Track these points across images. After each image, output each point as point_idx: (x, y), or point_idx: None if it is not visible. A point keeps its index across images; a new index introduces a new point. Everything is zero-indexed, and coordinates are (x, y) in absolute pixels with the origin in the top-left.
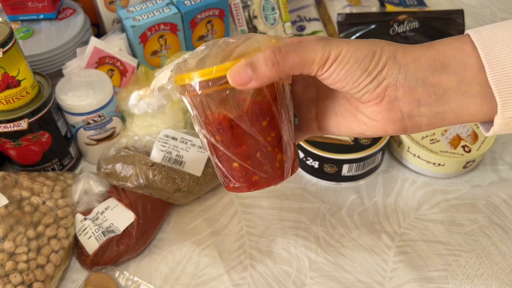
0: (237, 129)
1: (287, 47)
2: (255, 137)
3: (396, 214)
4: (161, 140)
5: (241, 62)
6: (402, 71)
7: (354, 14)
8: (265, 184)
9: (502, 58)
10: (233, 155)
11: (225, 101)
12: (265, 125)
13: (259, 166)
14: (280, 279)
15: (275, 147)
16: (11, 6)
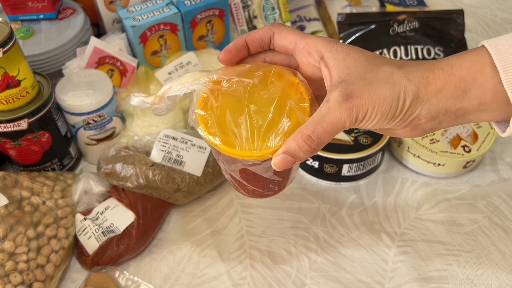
0: (257, 175)
1: (317, 131)
2: (271, 178)
3: (396, 214)
4: (161, 140)
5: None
6: (425, 107)
7: (354, 14)
8: (272, 195)
9: None
10: (250, 185)
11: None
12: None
13: (269, 190)
14: (280, 279)
15: (285, 177)
16: (11, 6)
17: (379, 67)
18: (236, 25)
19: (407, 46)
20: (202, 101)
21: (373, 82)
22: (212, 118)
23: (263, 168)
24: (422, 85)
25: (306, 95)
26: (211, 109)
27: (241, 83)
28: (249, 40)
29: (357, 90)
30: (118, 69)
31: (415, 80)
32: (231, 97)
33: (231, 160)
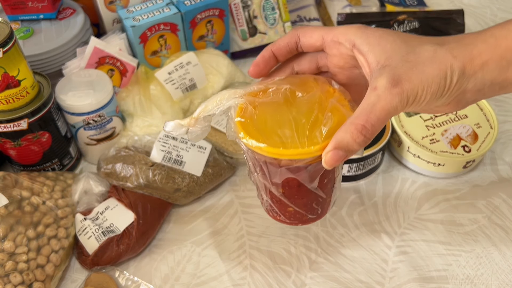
0: (303, 187)
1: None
2: (316, 193)
3: (396, 214)
4: (161, 140)
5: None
6: (472, 81)
7: (354, 14)
8: (312, 221)
9: None
10: (291, 204)
11: (302, 172)
12: (326, 182)
13: (312, 211)
14: (280, 279)
15: (329, 195)
16: (11, 6)
17: (419, 47)
18: (236, 25)
19: None
20: (240, 112)
21: (418, 64)
22: (252, 125)
23: (308, 175)
24: (467, 60)
25: (345, 99)
26: (250, 119)
27: (278, 90)
28: (275, 50)
29: (405, 73)
30: (118, 69)
31: (460, 56)
32: (270, 105)
33: (276, 164)
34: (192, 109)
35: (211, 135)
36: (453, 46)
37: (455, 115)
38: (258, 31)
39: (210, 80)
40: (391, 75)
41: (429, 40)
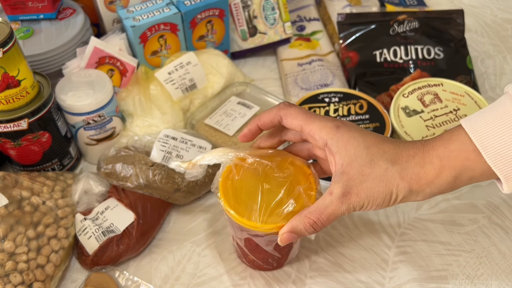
0: (260, 247)
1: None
2: (272, 253)
3: (396, 214)
4: (161, 140)
5: (287, 231)
6: (420, 196)
7: (354, 14)
8: (268, 270)
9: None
10: (251, 255)
11: (260, 238)
12: (282, 247)
13: (268, 264)
14: (280, 279)
15: (285, 255)
16: (11, 6)
17: (375, 162)
18: (236, 25)
19: (407, 46)
20: (226, 172)
21: (369, 179)
22: (231, 189)
23: (265, 241)
24: (414, 181)
25: (314, 186)
26: (231, 181)
27: (261, 164)
28: (261, 125)
29: (355, 187)
30: (118, 69)
31: (407, 177)
32: (251, 174)
33: (239, 227)
34: (192, 109)
35: (211, 135)
36: (403, 167)
37: (455, 115)
38: (258, 31)
39: (210, 80)
40: (345, 186)
41: (386, 156)
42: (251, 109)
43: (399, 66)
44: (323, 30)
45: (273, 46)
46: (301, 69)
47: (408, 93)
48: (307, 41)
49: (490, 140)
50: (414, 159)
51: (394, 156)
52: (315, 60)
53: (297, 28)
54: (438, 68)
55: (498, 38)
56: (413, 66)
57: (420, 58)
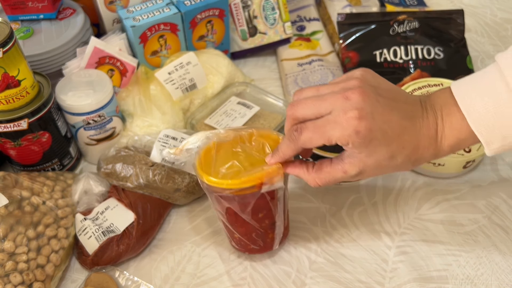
0: (238, 216)
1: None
2: (251, 224)
3: (396, 214)
4: (161, 140)
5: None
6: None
7: (354, 14)
8: (257, 252)
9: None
10: (234, 230)
11: (232, 201)
12: (261, 216)
13: (253, 241)
14: (280, 279)
15: (268, 230)
16: (11, 6)
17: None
18: (236, 25)
19: (407, 46)
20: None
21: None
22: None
23: (239, 205)
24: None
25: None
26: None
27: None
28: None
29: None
30: (118, 69)
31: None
32: (226, 147)
33: (210, 189)
34: (192, 109)
35: None
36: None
37: None
38: (258, 31)
39: (210, 80)
40: (360, 170)
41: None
42: (251, 109)
43: (399, 66)
44: (323, 30)
45: (273, 46)
46: (301, 69)
47: None
48: (307, 41)
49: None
50: (428, 151)
51: (411, 151)
52: (315, 60)
53: (297, 28)
54: (438, 68)
55: (498, 38)
56: (413, 66)
57: (420, 58)
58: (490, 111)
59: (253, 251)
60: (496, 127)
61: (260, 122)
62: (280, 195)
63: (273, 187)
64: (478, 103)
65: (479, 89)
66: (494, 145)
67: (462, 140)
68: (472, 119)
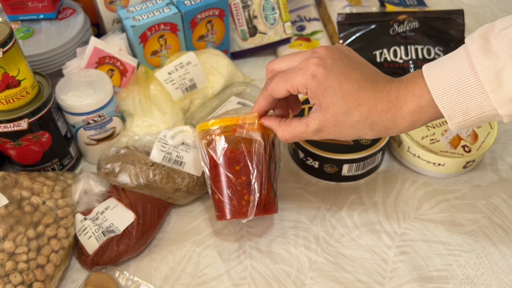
0: (217, 168)
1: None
2: (228, 177)
3: (396, 214)
4: (161, 140)
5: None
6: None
7: (354, 14)
8: (232, 216)
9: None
10: (214, 188)
11: (213, 145)
12: (238, 169)
13: (229, 200)
14: (280, 279)
15: (244, 189)
16: (11, 6)
17: (350, 113)
18: (236, 25)
19: (407, 46)
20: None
21: (342, 126)
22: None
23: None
24: (382, 131)
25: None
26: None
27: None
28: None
29: (329, 128)
30: (118, 69)
31: (377, 129)
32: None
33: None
34: (192, 109)
35: None
36: (374, 121)
37: None
38: (258, 31)
39: (210, 80)
40: (320, 125)
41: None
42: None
43: (399, 66)
44: (323, 30)
45: (273, 46)
46: None
47: None
48: (307, 41)
49: (440, 83)
50: (386, 115)
51: (368, 110)
52: None
53: (297, 28)
54: None
55: None
56: (413, 66)
57: (420, 58)
58: (454, 87)
59: (227, 214)
60: (458, 102)
61: None
62: (259, 152)
63: (249, 135)
64: (442, 79)
65: (446, 66)
66: (456, 119)
67: (423, 108)
68: (436, 92)
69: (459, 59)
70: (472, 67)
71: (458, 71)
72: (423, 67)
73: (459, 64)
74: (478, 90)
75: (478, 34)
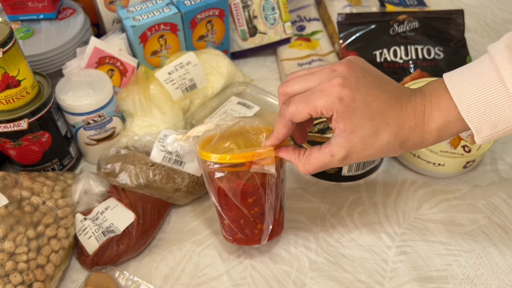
0: (228, 198)
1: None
2: (241, 209)
3: (396, 214)
4: (161, 140)
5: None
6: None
7: (354, 14)
8: (245, 243)
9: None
10: (224, 215)
11: (223, 180)
12: (251, 202)
13: (241, 229)
14: (280, 279)
15: (257, 219)
16: (11, 6)
17: (379, 134)
18: (236, 25)
19: (407, 46)
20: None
21: (370, 149)
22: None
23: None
24: (411, 148)
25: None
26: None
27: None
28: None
29: (357, 153)
30: (118, 69)
31: (406, 147)
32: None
33: (203, 164)
34: (192, 109)
35: None
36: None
37: None
38: (258, 31)
39: (210, 80)
40: (347, 152)
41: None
42: (251, 109)
43: (399, 66)
44: (323, 30)
45: (273, 46)
46: (301, 69)
47: None
48: (307, 41)
49: (467, 96)
50: (415, 132)
51: (397, 129)
52: (315, 60)
53: (297, 28)
54: (438, 68)
55: (498, 38)
56: (413, 66)
57: (420, 58)
58: (481, 100)
59: (240, 241)
60: (486, 116)
61: None
62: (272, 183)
63: (264, 170)
64: (469, 92)
65: (471, 78)
66: (484, 133)
67: (450, 122)
68: (462, 106)
69: (485, 70)
70: (500, 79)
71: (486, 83)
72: (444, 78)
73: (485, 76)
74: (508, 103)
75: (504, 43)
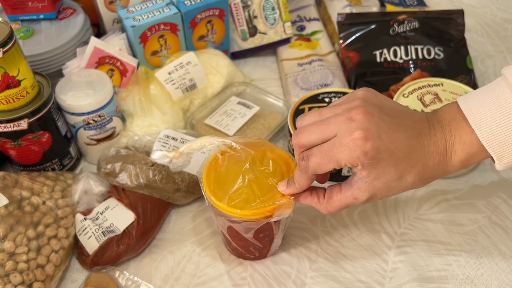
0: (239, 234)
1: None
2: (252, 241)
3: (396, 214)
4: (161, 140)
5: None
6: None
7: (354, 14)
8: (251, 260)
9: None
10: (233, 242)
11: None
12: (262, 236)
13: (250, 253)
14: (280, 279)
15: (266, 245)
16: (11, 6)
17: (403, 177)
18: (236, 25)
19: (407, 46)
20: (212, 159)
21: (394, 190)
22: (214, 175)
23: (243, 228)
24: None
25: None
26: (216, 167)
27: (246, 152)
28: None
29: (380, 194)
30: (118, 69)
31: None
32: (235, 161)
33: (218, 212)
34: (192, 109)
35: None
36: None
37: None
38: (258, 31)
39: (210, 80)
40: (370, 194)
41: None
42: (251, 109)
43: (399, 66)
44: (323, 30)
45: (273, 46)
46: (301, 69)
47: (408, 93)
48: (307, 41)
49: (486, 123)
50: (438, 168)
51: (421, 169)
52: (315, 60)
53: (297, 28)
54: (438, 68)
55: (498, 38)
56: (413, 66)
57: (420, 58)
58: (501, 126)
59: (248, 258)
60: (507, 142)
61: (260, 122)
62: (285, 219)
63: (282, 217)
64: (488, 118)
65: (488, 103)
66: (506, 159)
67: (473, 154)
68: (483, 134)
69: (503, 96)
70: None
71: (505, 109)
72: (460, 104)
73: (504, 101)
74: None
75: None
